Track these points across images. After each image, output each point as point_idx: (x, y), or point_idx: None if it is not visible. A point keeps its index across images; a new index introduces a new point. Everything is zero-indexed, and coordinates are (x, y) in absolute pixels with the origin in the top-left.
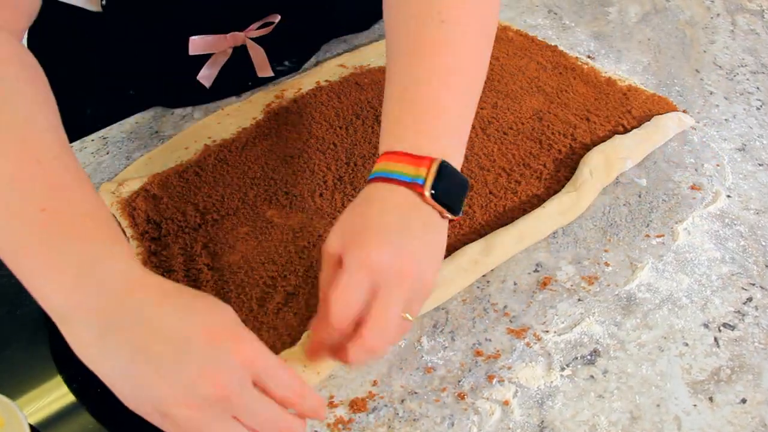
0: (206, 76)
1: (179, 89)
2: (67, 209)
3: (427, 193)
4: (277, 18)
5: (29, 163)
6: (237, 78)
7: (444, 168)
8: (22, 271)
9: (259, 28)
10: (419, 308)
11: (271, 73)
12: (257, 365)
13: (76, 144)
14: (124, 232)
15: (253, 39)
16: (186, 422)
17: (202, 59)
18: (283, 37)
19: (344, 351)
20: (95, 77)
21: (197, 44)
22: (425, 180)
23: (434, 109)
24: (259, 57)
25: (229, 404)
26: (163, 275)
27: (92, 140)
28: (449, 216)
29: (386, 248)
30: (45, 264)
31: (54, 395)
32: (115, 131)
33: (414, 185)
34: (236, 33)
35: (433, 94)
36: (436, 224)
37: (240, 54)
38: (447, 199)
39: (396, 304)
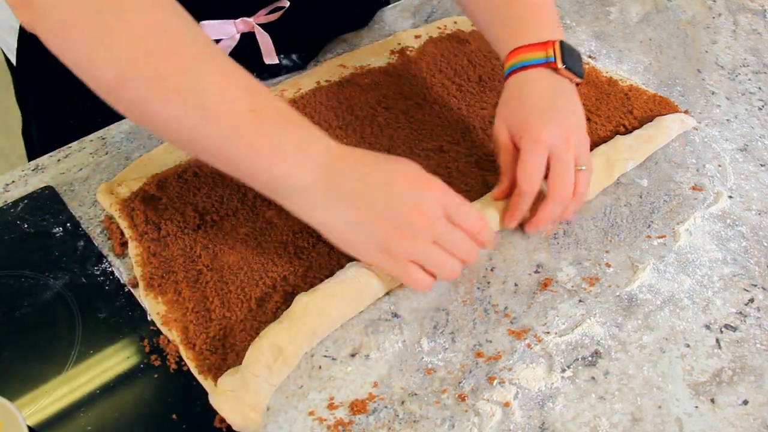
0: None
1: None
2: (268, 108)
3: (560, 66)
4: (286, 3)
5: (230, 77)
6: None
7: (563, 44)
8: (243, 160)
9: (267, 14)
10: (587, 157)
11: (276, 60)
12: (447, 202)
13: (75, 144)
14: (123, 233)
15: (260, 26)
16: (403, 251)
17: None
18: (291, 26)
19: (534, 214)
20: None
21: (207, 29)
22: (555, 57)
23: (534, 9)
24: (266, 43)
25: (431, 232)
26: (162, 276)
27: (91, 140)
28: (578, 80)
29: (549, 125)
30: (266, 150)
31: (52, 397)
32: (114, 131)
33: (548, 64)
34: (245, 18)
35: (527, 1)
36: (572, 90)
37: (246, 42)
38: (574, 66)
39: (569, 163)
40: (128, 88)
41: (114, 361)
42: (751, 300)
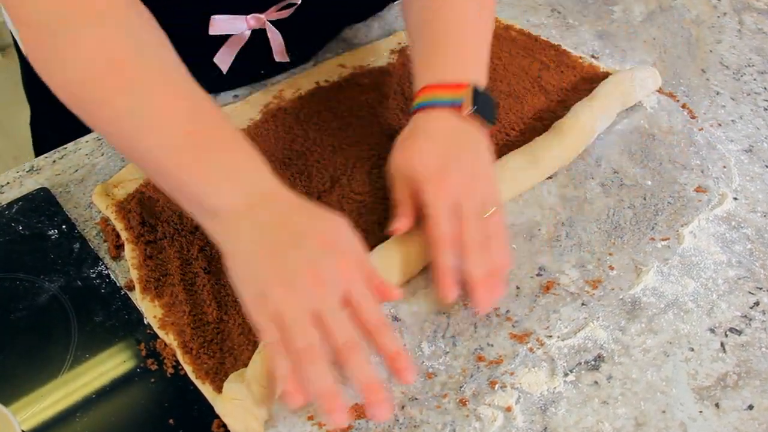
0: (223, 59)
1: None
2: (207, 132)
3: (467, 112)
4: (298, 0)
5: (173, 98)
6: (251, 65)
7: (476, 89)
8: (177, 182)
9: (279, 11)
10: (496, 201)
11: (287, 59)
12: (353, 280)
13: (70, 145)
14: (119, 235)
15: (272, 23)
16: (275, 302)
17: (217, 46)
18: (302, 22)
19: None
20: None
21: (218, 24)
22: (464, 100)
23: (457, 48)
24: (276, 42)
25: (318, 301)
26: (158, 279)
27: (86, 141)
28: (488, 127)
29: (452, 175)
30: (201, 174)
31: (47, 401)
32: None
33: (455, 107)
34: (257, 15)
35: (453, 39)
36: (480, 137)
37: (256, 39)
38: (484, 113)
39: (476, 210)
40: (78, 107)
41: (110, 365)
42: (757, 303)
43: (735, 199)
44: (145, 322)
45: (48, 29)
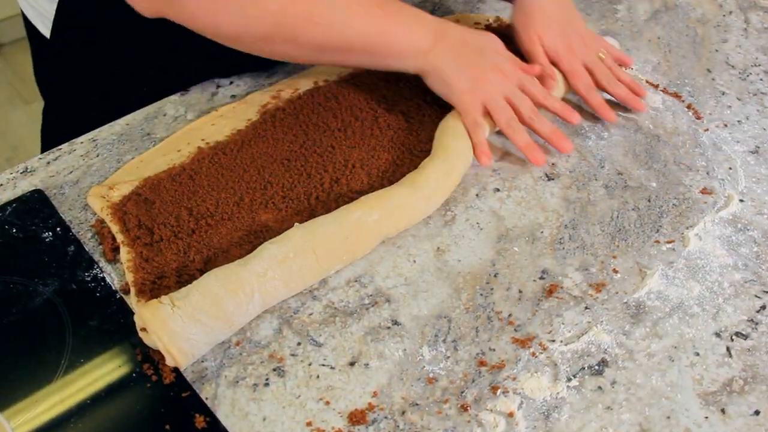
0: None
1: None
2: (390, 6)
3: None
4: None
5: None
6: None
7: None
8: (385, 44)
9: None
10: (603, 45)
11: None
12: (521, 74)
13: (65, 146)
14: (114, 238)
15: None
16: (481, 90)
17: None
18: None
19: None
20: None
21: None
22: None
23: None
24: None
25: (506, 87)
26: (154, 282)
27: (81, 142)
28: None
29: (576, 43)
30: (397, 29)
31: (41, 407)
32: (105, 133)
33: None
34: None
35: None
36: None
37: None
38: None
39: (594, 57)
40: (281, 31)
41: (105, 369)
42: (763, 307)
43: (741, 201)
44: None
45: None
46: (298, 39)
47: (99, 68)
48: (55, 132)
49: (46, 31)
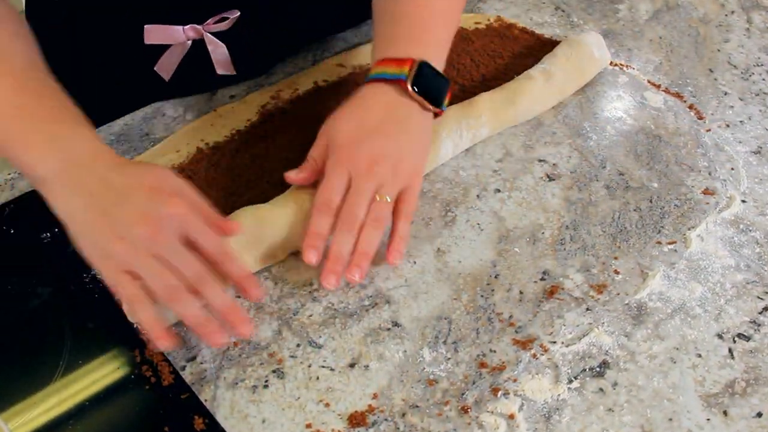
0: (164, 67)
1: (139, 83)
2: (37, 104)
3: (408, 87)
4: (236, 14)
5: (5, 77)
6: (198, 76)
7: (425, 66)
8: (10, 153)
9: (217, 23)
10: (393, 190)
11: (232, 71)
12: (188, 219)
13: None
14: None
15: (215, 35)
16: (120, 259)
17: (159, 54)
18: (250, 35)
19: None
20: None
21: (152, 33)
22: (407, 76)
23: (413, 28)
24: (218, 53)
25: (155, 245)
26: None
27: None
28: (431, 108)
29: (359, 148)
30: (25, 143)
31: (40, 409)
32: (103, 134)
33: (398, 81)
34: (194, 25)
35: (412, 19)
36: (419, 116)
37: (201, 50)
38: (428, 91)
39: (363, 191)
40: None
41: (104, 371)
42: (766, 308)
43: (743, 201)
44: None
45: None
46: None
47: (74, 66)
48: None
49: None
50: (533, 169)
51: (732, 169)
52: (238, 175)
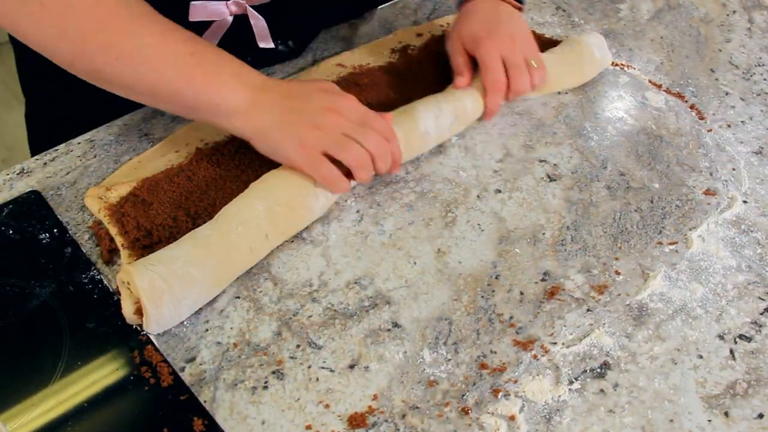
0: None
1: None
2: (205, 51)
3: None
4: None
5: (169, 32)
6: (236, 51)
7: None
8: (192, 97)
9: None
10: (536, 56)
11: (271, 44)
12: (362, 111)
13: (62, 147)
14: (112, 239)
15: (254, 8)
16: (315, 142)
17: (201, 32)
18: (287, 10)
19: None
20: None
21: (197, 10)
22: None
23: None
24: (259, 26)
25: (343, 127)
26: None
27: (78, 143)
28: (520, 5)
29: (496, 36)
30: (215, 82)
31: (38, 410)
32: (102, 133)
33: None
34: (237, 0)
35: None
36: (514, 13)
37: (240, 25)
38: None
39: (519, 62)
40: (82, 61)
41: (103, 372)
42: (767, 309)
43: (745, 202)
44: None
45: None
46: (102, 73)
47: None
48: (42, 133)
49: None
50: (534, 170)
51: (733, 169)
52: (238, 175)
